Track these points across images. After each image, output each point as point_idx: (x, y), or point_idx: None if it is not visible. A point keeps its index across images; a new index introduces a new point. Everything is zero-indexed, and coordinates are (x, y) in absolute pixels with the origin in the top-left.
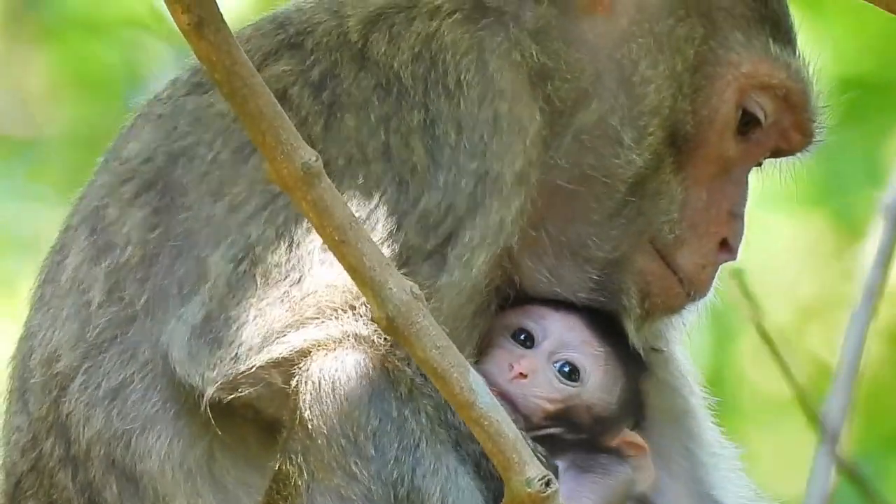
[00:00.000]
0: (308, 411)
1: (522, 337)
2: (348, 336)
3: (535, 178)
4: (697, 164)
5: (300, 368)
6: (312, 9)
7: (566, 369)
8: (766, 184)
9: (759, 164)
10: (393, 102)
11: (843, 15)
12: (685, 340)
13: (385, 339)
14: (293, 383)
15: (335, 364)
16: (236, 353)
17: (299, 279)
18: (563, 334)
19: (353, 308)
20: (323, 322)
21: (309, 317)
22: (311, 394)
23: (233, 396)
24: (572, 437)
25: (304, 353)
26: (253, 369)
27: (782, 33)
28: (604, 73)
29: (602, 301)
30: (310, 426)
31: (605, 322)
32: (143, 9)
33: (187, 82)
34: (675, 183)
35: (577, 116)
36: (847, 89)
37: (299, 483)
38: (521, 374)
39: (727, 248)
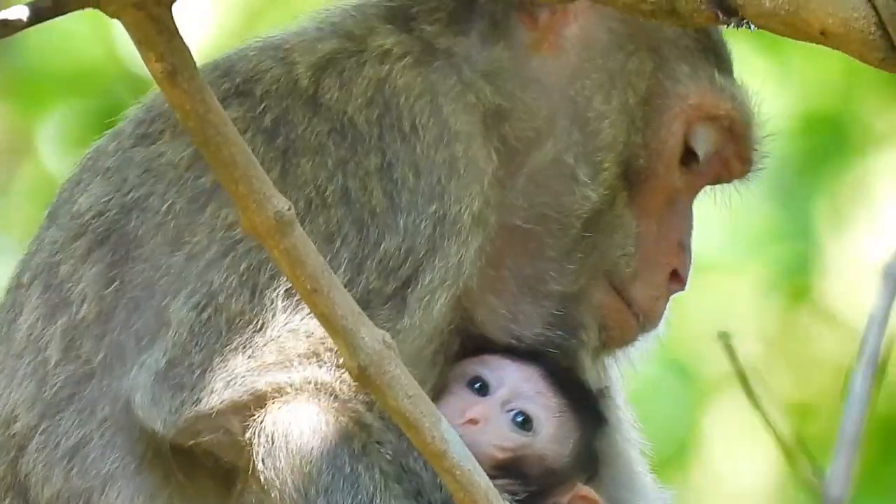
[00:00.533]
0: (261, 464)
1: (478, 385)
2: (309, 383)
3: (493, 219)
4: (648, 197)
5: (255, 419)
6: (257, 56)
7: (520, 419)
8: (726, 224)
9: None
10: (349, 147)
11: (806, 53)
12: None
13: (348, 388)
14: (248, 435)
15: (289, 417)
16: (198, 398)
17: (262, 326)
18: (519, 384)
19: (317, 355)
20: (285, 367)
21: (271, 362)
22: (264, 447)
23: (194, 442)
24: (523, 489)
25: (263, 399)
26: (213, 413)
27: (724, 63)
28: (557, 111)
29: (559, 336)
30: (263, 479)
31: (563, 375)
32: (107, 60)
33: (132, 134)
34: (629, 217)
35: (532, 156)
36: (810, 127)
37: None
38: (471, 419)
39: (677, 278)
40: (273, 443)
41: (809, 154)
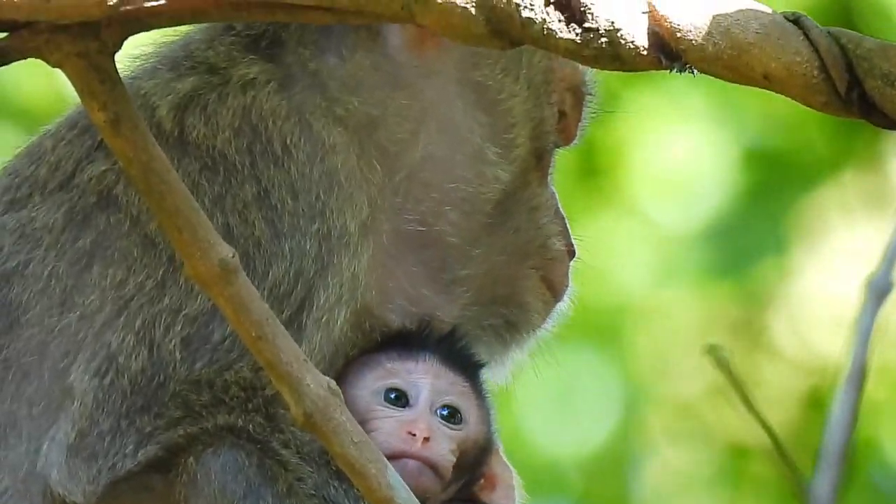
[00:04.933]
0: None
1: (394, 396)
2: (223, 429)
3: (386, 227)
4: (546, 172)
5: (178, 465)
6: None
7: (446, 413)
8: (672, 258)
9: None
10: (223, 181)
11: (750, 91)
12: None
13: (262, 428)
14: (170, 478)
15: (212, 459)
16: (112, 464)
17: (164, 380)
18: (434, 383)
19: (222, 402)
20: (194, 419)
21: (178, 416)
22: (188, 488)
23: None
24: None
25: (180, 450)
26: (131, 475)
27: None
28: (451, 101)
29: (478, 311)
30: None
31: (449, 349)
32: (50, 96)
33: (1, 202)
34: (547, 194)
35: (411, 155)
36: (754, 164)
37: None
38: (426, 438)
39: (571, 248)
40: (197, 483)
41: (755, 189)
